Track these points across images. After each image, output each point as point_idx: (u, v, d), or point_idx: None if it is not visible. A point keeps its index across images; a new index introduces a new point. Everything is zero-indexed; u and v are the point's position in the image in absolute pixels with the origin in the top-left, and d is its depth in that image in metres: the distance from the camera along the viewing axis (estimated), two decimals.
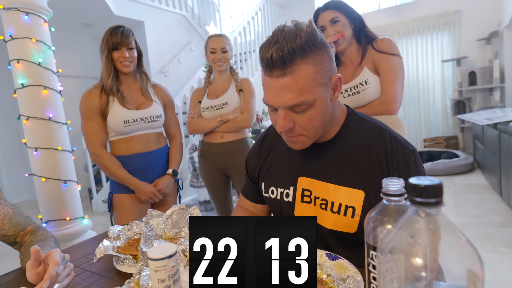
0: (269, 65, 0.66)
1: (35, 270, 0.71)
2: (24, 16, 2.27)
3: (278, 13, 5.80)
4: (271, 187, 0.88)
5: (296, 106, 0.68)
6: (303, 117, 0.70)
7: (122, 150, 1.49)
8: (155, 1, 4.82)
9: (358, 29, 1.33)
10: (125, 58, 1.44)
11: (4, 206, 0.91)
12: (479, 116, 3.57)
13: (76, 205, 2.53)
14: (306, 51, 0.65)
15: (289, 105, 0.67)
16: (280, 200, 0.85)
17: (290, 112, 0.69)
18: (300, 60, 0.65)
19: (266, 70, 0.68)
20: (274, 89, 0.67)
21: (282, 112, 0.69)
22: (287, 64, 0.64)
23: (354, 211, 0.74)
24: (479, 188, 3.42)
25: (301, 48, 0.64)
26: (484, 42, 4.72)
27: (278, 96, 0.67)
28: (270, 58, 0.65)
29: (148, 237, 0.79)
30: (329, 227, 0.78)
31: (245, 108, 1.83)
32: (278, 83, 0.66)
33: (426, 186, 0.33)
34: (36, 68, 2.32)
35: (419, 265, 0.33)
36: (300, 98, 0.66)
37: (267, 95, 0.70)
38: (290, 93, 0.66)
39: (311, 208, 0.81)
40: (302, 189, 0.82)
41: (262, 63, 0.68)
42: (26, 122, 2.33)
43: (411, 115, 5.42)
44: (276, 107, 0.70)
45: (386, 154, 0.74)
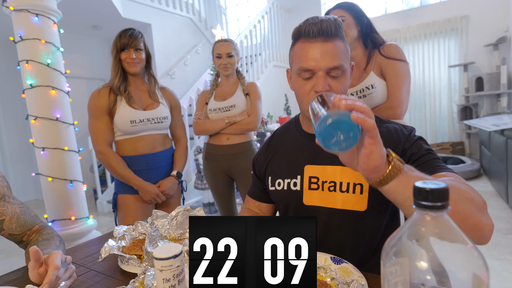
0: (316, 33, 0.76)
1: (37, 271, 0.70)
2: (34, 17, 2.31)
3: (284, 17, 5.83)
4: (278, 180, 0.90)
5: (335, 69, 0.76)
6: (337, 82, 0.78)
7: (128, 150, 1.50)
8: (162, 4, 4.86)
9: (365, 33, 1.34)
10: (132, 59, 1.46)
11: (13, 205, 0.92)
12: (486, 122, 3.53)
13: (81, 205, 2.54)
14: (342, 31, 0.79)
15: (331, 66, 0.76)
16: (288, 190, 0.87)
17: (327, 77, 0.77)
18: (339, 36, 0.78)
19: (311, 37, 0.76)
20: (316, 53, 0.76)
21: (321, 74, 0.76)
22: (332, 34, 0.76)
23: (362, 187, 0.78)
24: (485, 194, 3.38)
25: (339, 27, 0.78)
26: (491, 47, 4.68)
27: (321, 58, 0.76)
28: (320, 27, 0.75)
29: (153, 238, 0.79)
30: (339, 207, 0.80)
31: (252, 111, 1.84)
32: (322, 47, 0.76)
33: (432, 190, 0.33)
34: (44, 69, 2.35)
35: (424, 269, 0.33)
36: (340, 61, 0.76)
37: (308, 60, 0.77)
38: (332, 56, 0.76)
39: (319, 194, 0.83)
40: (309, 176, 0.84)
41: (305, 33, 0.77)
42: (34, 122, 2.36)
43: (417, 120, 5.38)
44: (316, 70, 0.76)
45: (390, 135, 0.81)
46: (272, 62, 5.42)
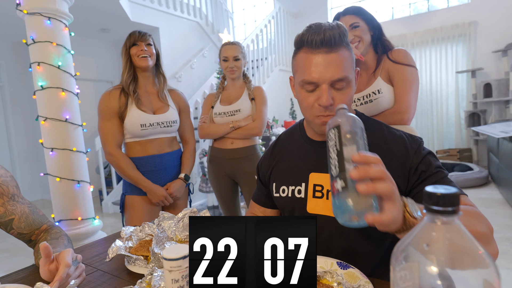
0: (319, 43, 0.73)
1: (47, 267, 0.71)
2: (46, 21, 2.35)
3: (291, 21, 5.85)
4: (282, 186, 0.89)
5: (339, 81, 0.74)
6: (341, 94, 0.76)
7: (137, 152, 1.51)
8: (170, 8, 4.91)
9: (377, 37, 1.33)
10: (143, 51, 1.48)
11: (22, 204, 0.93)
12: (494, 129, 3.49)
13: (88, 205, 2.56)
14: (346, 38, 0.77)
15: (335, 78, 0.73)
16: (292, 197, 0.86)
17: (331, 89, 0.75)
18: (343, 44, 0.75)
19: (314, 48, 0.74)
20: (319, 65, 0.74)
21: (325, 88, 0.74)
22: (335, 43, 0.74)
23: None
24: (494, 202, 3.34)
25: (343, 35, 0.75)
26: (500, 54, 4.64)
27: (325, 70, 0.73)
28: (323, 37, 0.73)
29: (160, 239, 0.80)
30: None
31: (257, 116, 1.84)
32: (326, 58, 0.73)
33: (443, 195, 0.33)
34: (55, 71, 2.39)
35: (434, 274, 0.32)
36: (344, 73, 0.74)
37: (311, 72, 0.74)
38: (336, 68, 0.73)
39: (323, 203, 0.82)
40: (313, 184, 0.83)
41: (307, 43, 0.75)
42: (43, 123, 2.39)
43: (424, 126, 5.34)
44: (320, 83, 0.75)
45: (397, 143, 0.79)
46: (278, 66, 5.43)
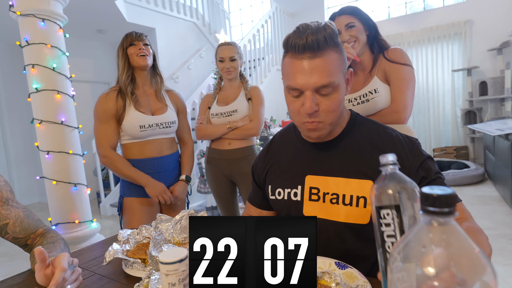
0: (301, 48, 0.70)
1: (43, 272, 0.70)
2: (40, 22, 2.34)
3: (288, 21, 5.85)
4: (278, 189, 0.88)
5: (324, 87, 0.72)
6: (327, 99, 0.73)
7: (135, 154, 1.50)
8: (166, 9, 4.90)
9: (373, 36, 1.34)
10: (141, 50, 1.47)
11: (16, 208, 0.92)
12: (490, 127, 3.51)
13: (85, 208, 2.55)
14: (333, 40, 0.73)
15: (319, 85, 0.71)
16: (288, 200, 0.86)
17: (316, 95, 0.73)
18: (329, 47, 0.72)
19: (297, 53, 0.71)
20: (304, 70, 0.71)
21: (309, 94, 0.72)
22: (319, 48, 0.70)
23: (366, 201, 0.76)
24: (490, 200, 3.36)
25: (330, 37, 0.72)
26: (495, 52, 4.67)
27: (308, 76, 0.71)
28: (305, 41, 0.69)
29: (157, 242, 0.80)
30: (342, 220, 0.79)
31: (254, 116, 1.84)
32: (310, 64, 0.71)
33: (439, 196, 0.33)
34: (50, 73, 2.37)
35: (431, 275, 0.32)
36: (329, 79, 0.71)
37: (295, 78, 0.72)
38: (320, 74, 0.71)
39: (319, 206, 0.81)
40: (309, 187, 0.83)
41: (291, 48, 0.72)
42: (39, 125, 2.38)
43: (421, 125, 5.37)
44: (304, 90, 0.73)
45: (393, 145, 0.78)
46: (275, 66, 5.43)
